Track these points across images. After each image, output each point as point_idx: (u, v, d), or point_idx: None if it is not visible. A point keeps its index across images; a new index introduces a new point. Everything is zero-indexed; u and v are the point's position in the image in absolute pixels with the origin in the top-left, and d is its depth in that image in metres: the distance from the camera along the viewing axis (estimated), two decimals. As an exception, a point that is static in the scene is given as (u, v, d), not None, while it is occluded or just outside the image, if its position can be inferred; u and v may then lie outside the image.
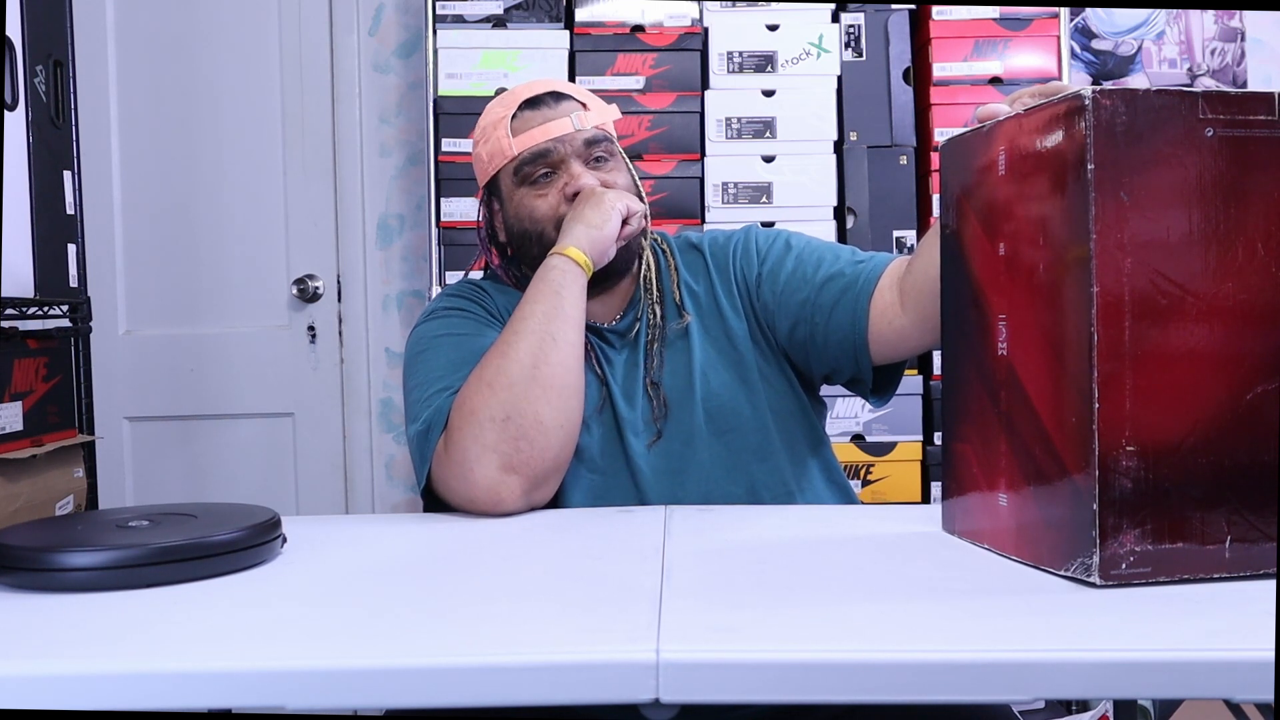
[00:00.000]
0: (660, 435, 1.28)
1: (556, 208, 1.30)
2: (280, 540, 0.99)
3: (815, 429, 1.35)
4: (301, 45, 2.72)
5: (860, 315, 1.25)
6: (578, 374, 1.21)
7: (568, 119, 1.30)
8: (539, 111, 1.32)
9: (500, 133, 1.32)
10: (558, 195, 1.30)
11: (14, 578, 0.89)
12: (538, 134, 1.30)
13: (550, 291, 1.22)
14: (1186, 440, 0.80)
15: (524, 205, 1.32)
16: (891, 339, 1.25)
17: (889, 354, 1.28)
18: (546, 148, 1.30)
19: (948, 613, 0.78)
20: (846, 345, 1.27)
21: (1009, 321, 0.91)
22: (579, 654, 0.70)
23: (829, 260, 1.31)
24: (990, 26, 2.39)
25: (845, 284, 1.27)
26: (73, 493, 1.44)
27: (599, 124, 1.33)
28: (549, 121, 1.30)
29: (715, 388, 1.29)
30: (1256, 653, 0.66)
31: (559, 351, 1.19)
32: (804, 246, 1.34)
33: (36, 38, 1.41)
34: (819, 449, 1.35)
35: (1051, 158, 0.84)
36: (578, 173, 1.30)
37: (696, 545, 1.02)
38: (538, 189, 1.31)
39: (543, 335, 1.19)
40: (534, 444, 1.15)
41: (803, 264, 1.31)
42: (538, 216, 1.31)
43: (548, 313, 1.20)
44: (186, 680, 0.68)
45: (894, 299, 1.24)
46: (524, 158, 1.31)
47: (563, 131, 1.30)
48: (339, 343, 2.76)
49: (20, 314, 1.44)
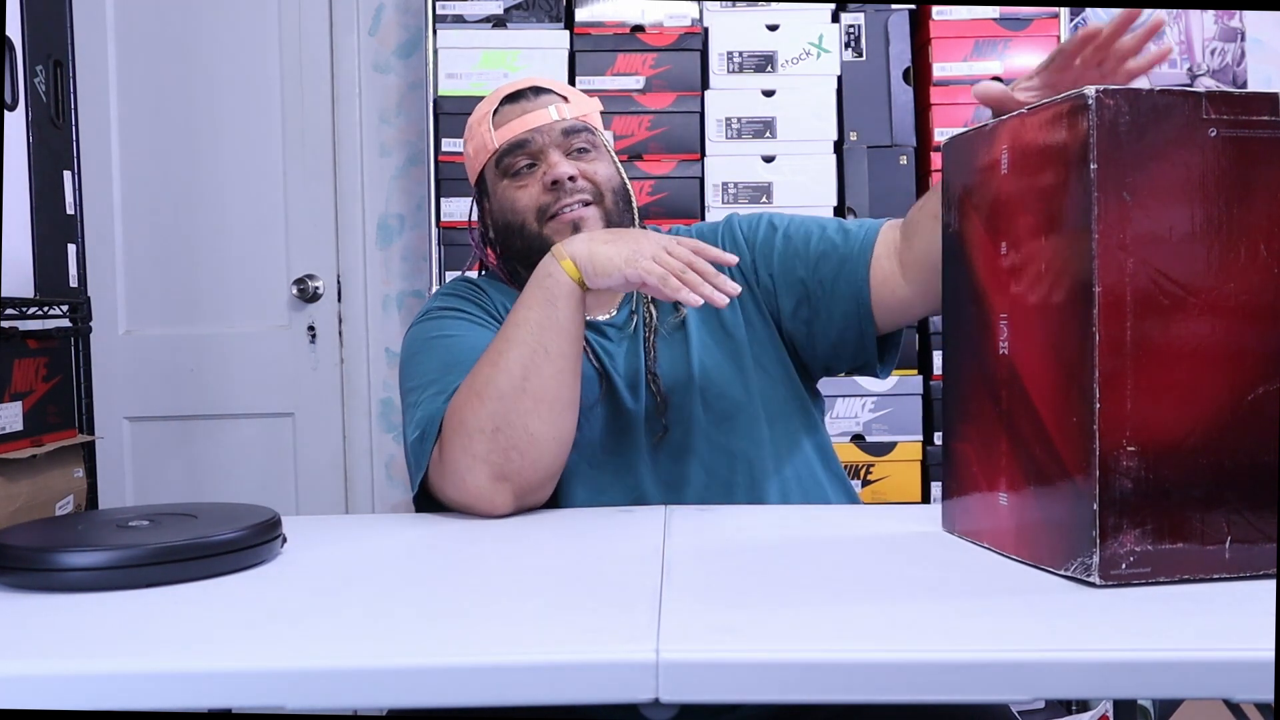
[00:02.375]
0: (666, 430, 1.28)
1: (537, 198, 1.31)
2: (280, 540, 0.99)
3: (812, 415, 1.36)
4: (301, 45, 2.72)
5: (862, 286, 1.27)
6: (571, 387, 1.18)
7: (546, 110, 1.32)
8: (518, 105, 1.34)
9: (483, 128, 1.34)
10: (538, 185, 1.31)
11: (14, 578, 0.89)
12: (516, 125, 1.32)
13: (544, 300, 1.17)
14: (1187, 440, 0.80)
15: (505, 197, 1.33)
16: (895, 307, 1.27)
17: (893, 322, 1.30)
18: (525, 137, 1.31)
19: (947, 613, 0.78)
20: (851, 316, 1.28)
21: (1010, 321, 0.91)
22: (579, 654, 0.70)
23: (817, 234, 1.32)
24: (990, 26, 2.39)
25: (841, 257, 1.29)
26: (73, 493, 1.44)
27: (579, 114, 1.34)
28: (527, 113, 1.32)
29: (714, 376, 1.30)
30: (1256, 653, 0.66)
31: (551, 364, 1.15)
32: (789, 224, 1.35)
33: (36, 38, 1.41)
34: (816, 434, 1.35)
35: (1054, 156, 0.84)
36: (555, 161, 1.30)
37: (696, 545, 1.02)
38: (518, 180, 1.32)
39: (534, 347, 1.15)
40: (525, 455, 1.14)
41: (792, 241, 1.33)
42: (518, 208, 1.32)
43: (541, 322, 1.16)
44: (186, 680, 0.68)
45: (894, 269, 1.26)
46: (504, 149, 1.32)
47: (540, 122, 1.31)
48: (339, 343, 2.76)
49: (20, 314, 1.44)
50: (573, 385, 1.19)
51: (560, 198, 1.30)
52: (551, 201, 1.30)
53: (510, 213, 1.33)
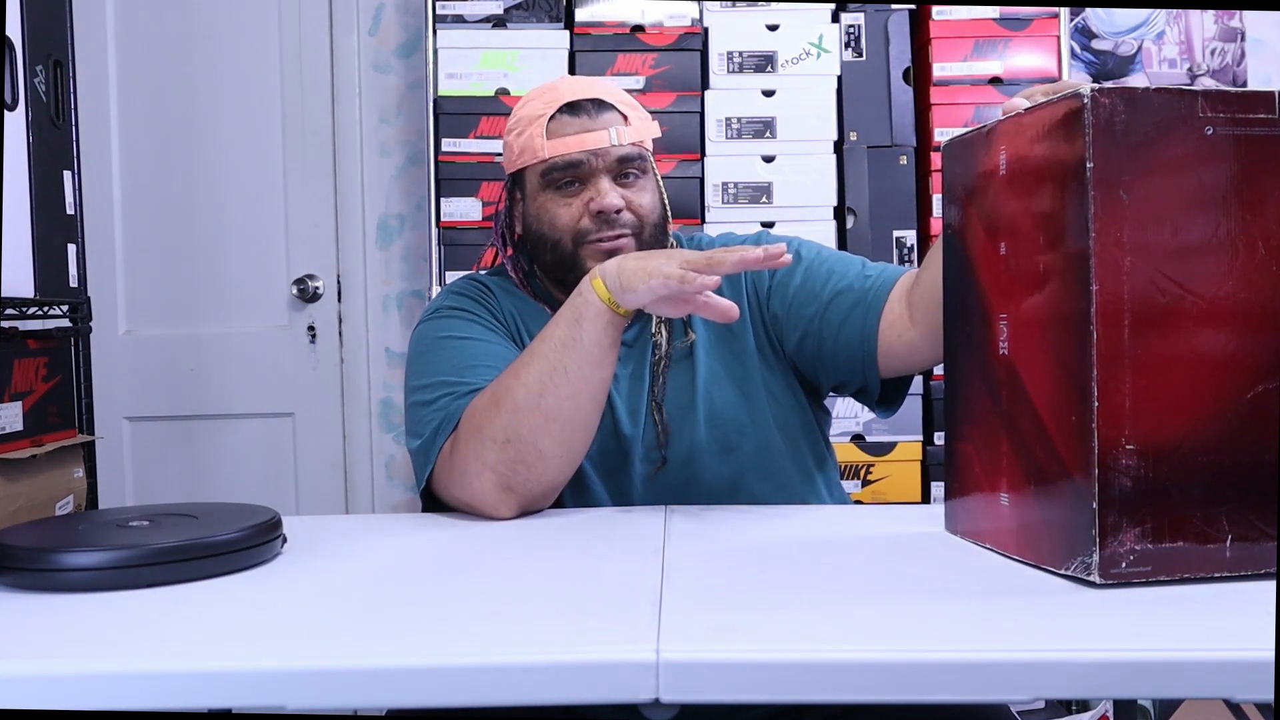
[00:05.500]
0: (665, 462, 1.27)
1: (578, 219, 1.27)
2: (280, 540, 0.99)
3: (820, 443, 1.34)
4: (301, 45, 2.72)
5: (870, 330, 1.24)
6: (588, 410, 1.16)
7: (606, 132, 1.26)
8: (578, 119, 1.27)
9: (535, 130, 1.28)
10: (581, 207, 1.27)
11: (14, 578, 0.89)
12: (573, 142, 1.26)
13: (571, 319, 1.15)
14: (1186, 439, 0.80)
15: (546, 210, 1.29)
16: (901, 352, 1.24)
17: (898, 367, 1.26)
18: (579, 159, 1.26)
19: (947, 613, 0.78)
20: (855, 360, 1.25)
21: (1010, 321, 0.91)
22: (579, 654, 0.70)
23: (839, 273, 1.28)
24: (990, 26, 2.39)
25: (855, 298, 1.25)
26: (73, 493, 1.44)
27: (637, 140, 1.28)
28: (586, 132, 1.26)
29: (719, 404, 1.28)
30: (1256, 653, 0.66)
31: (568, 384, 1.14)
32: (814, 257, 1.31)
33: (36, 38, 1.41)
34: (824, 464, 1.34)
35: (1051, 156, 0.84)
36: (605, 190, 1.26)
37: (696, 545, 1.02)
38: (563, 196, 1.27)
39: (554, 364, 1.14)
40: (531, 469, 1.14)
41: (812, 276, 1.29)
42: (558, 225, 1.28)
43: (564, 341, 1.14)
44: (186, 680, 0.68)
45: (903, 312, 1.22)
46: (555, 164, 1.27)
47: (599, 145, 1.26)
48: (339, 343, 2.76)
49: (20, 314, 1.44)
50: (589, 408, 1.16)
51: (601, 228, 1.26)
52: (592, 229, 1.26)
53: (548, 226, 1.29)
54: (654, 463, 1.27)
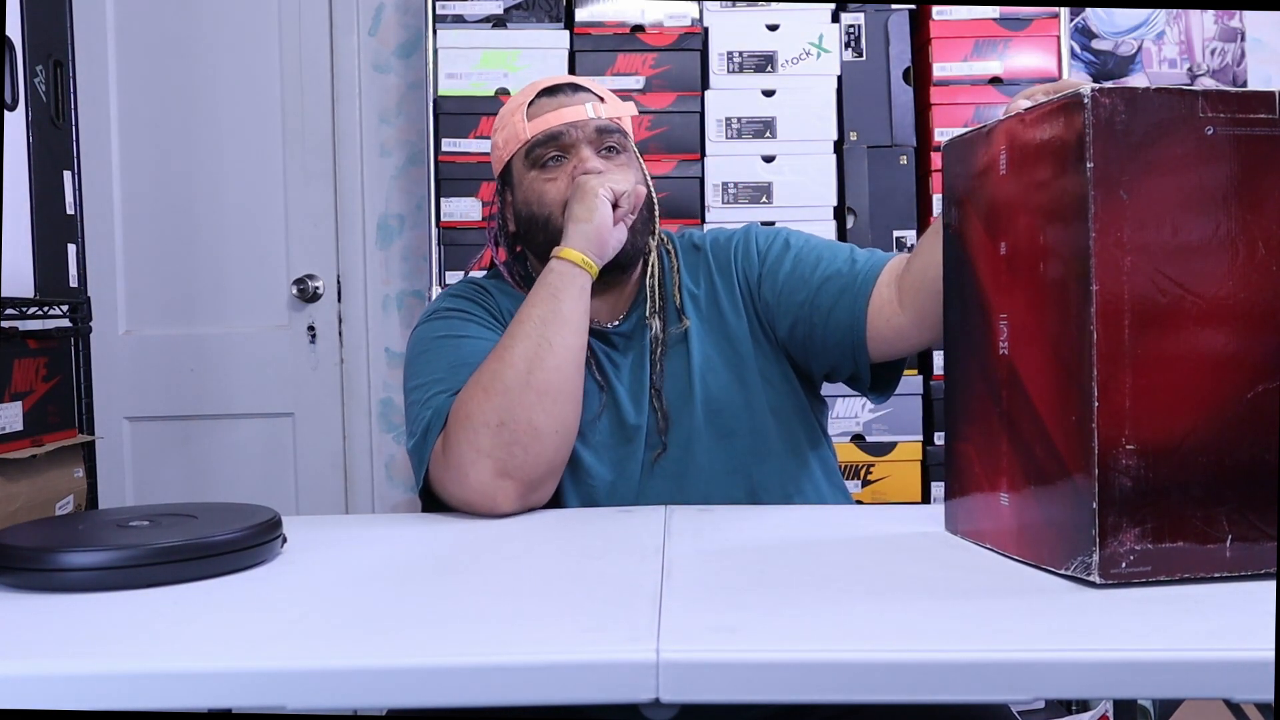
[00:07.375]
0: (665, 449, 1.28)
1: (565, 191, 1.29)
2: (280, 540, 0.99)
3: (815, 428, 1.35)
4: (301, 45, 2.72)
5: (859, 315, 1.26)
6: (574, 380, 1.20)
7: (583, 106, 1.31)
8: (555, 98, 1.33)
9: (517, 118, 1.33)
10: (567, 179, 1.30)
11: (14, 578, 0.89)
12: (552, 118, 1.30)
13: (548, 295, 1.21)
14: (1187, 439, 0.80)
15: (533, 189, 1.32)
16: (890, 337, 1.25)
17: (888, 351, 1.28)
18: (559, 130, 1.30)
19: (947, 613, 0.78)
20: (845, 345, 1.27)
21: (1010, 321, 0.91)
22: (579, 654, 0.70)
23: (827, 259, 1.31)
24: (990, 26, 2.39)
25: (844, 284, 1.28)
26: (73, 493, 1.44)
27: (614, 116, 1.33)
28: (564, 107, 1.31)
29: (714, 390, 1.29)
30: (1256, 653, 0.66)
31: (554, 356, 1.18)
32: (803, 245, 1.34)
33: (36, 38, 1.42)
34: (819, 448, 1.35)
35: (1051, 156, 0.84)
36: (586, 156, 1.30)
37: (696, 545, 1.02)
38: (547, 172, 1.31)
39: (538, 340, 1.18)
40: (528, 450, 1.15)
41: (801, 263, 1.31)
42: (546, 200, 1.30)
43: (544, 317, 1.20)
44: (186, 680, 0.68)
45: (892, 296, 1.24)
46: (536, 139, 1.31)
47: (576, 117, 1.30)
48: (339, 343, 2.76)
49: (20, 314, 1.44)
50: (574, 377, 1.20)
51: None
52: None
53: (537, 204, 1.31)
54: (655, 449, 1.28)
